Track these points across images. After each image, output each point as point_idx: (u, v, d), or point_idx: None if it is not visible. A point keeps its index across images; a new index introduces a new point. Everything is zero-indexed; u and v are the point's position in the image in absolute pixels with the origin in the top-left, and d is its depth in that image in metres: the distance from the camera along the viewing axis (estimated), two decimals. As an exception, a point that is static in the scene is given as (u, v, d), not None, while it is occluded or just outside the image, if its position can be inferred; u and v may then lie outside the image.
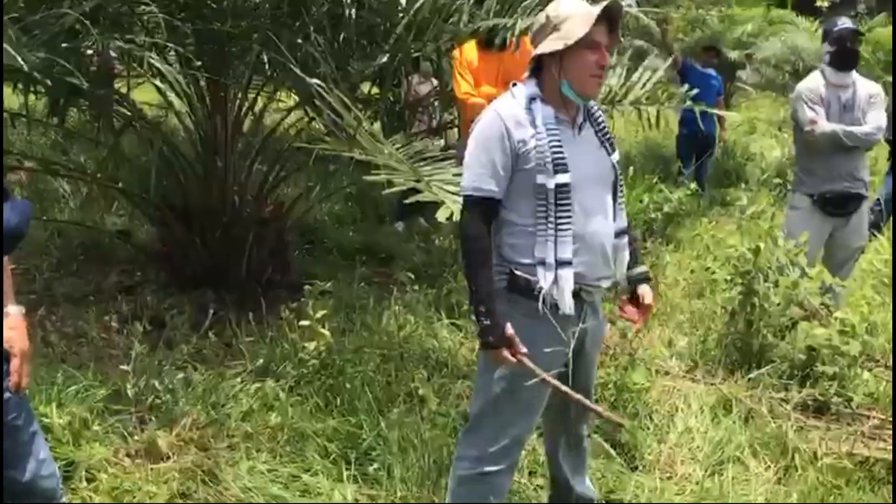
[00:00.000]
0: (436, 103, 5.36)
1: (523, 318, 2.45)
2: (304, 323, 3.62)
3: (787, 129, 14.37)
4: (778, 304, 3.88)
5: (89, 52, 4.82)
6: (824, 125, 4.65)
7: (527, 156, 2.40)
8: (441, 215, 3.03)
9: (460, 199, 2.72)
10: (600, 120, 2.65)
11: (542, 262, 2.42)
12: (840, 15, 4.90)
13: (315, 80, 3.50)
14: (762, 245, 3.81)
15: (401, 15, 4.62)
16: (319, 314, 3.61)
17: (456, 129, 5.86)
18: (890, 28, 16.54)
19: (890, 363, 3.98)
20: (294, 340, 3.73)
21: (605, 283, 2.63)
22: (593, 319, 2.63)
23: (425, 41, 4.11)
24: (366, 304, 5.04)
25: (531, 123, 2.42)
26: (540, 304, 2.43)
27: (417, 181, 3.11)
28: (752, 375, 3.76)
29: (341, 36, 4.58)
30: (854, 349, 3.61)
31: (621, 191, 2.66)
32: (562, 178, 2.41)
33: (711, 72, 8.41)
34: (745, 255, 3.83)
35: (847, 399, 3.61)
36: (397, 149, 3.46)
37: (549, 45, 2.42)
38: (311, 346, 3.61)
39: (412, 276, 4.85)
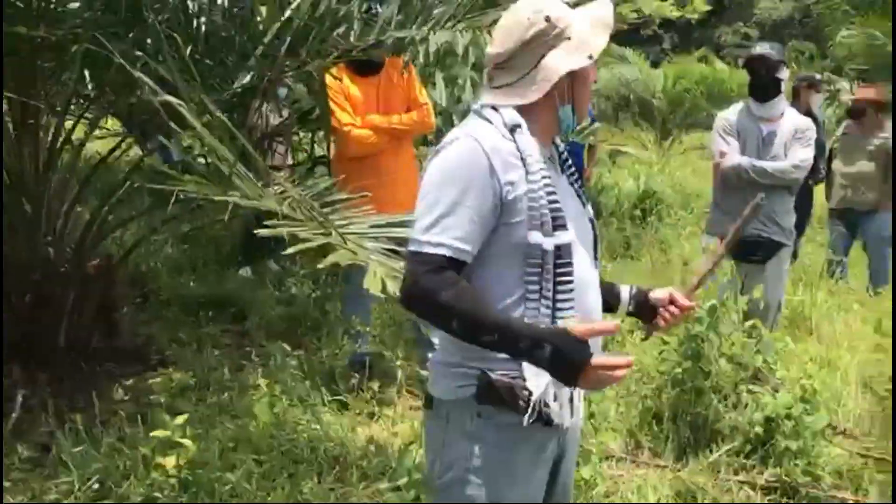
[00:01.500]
0: (300, 134, 4.51)
1: (498, 439, 1.74)
2: (159, 434, 2.67)
3: (619, 159, 14.58)
4: (727, 368, 3.37)
5: None
6: (733, 158, 4.28)
7: (516, 205, 1.69)
8: (372, 286, 2.25)
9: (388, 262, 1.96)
10: (570, 162, 1.99)
11: None
12: (764, 41, 4.57)
13: (174, 99, 2.60)
14: (716, 303, 3.30)
15: (261, 26, 3.79)
16: (180, 420, 2.68)
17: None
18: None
19: (854, 433, 3.57)
20: (145, 455, 2.75)
21: None
22: (576, 416, 1.94)
23: (304, 57, 3.29)
24: (221, 378, 4.12)
25: (521, 161, 1.71)
26: (526, 417, 1.70)
27: (328, 235, 2.29)
28: (711, 458, 3.21)
29: (188, 50, 3.69)
30: (820, 422, 3.15)
31: (598, 255, 2.00)
32: (563, 238, 1.72)
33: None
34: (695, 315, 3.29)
35: (815, 478, 3.14)
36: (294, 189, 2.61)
37: (569, 60, 1.74)
38: (169, 461, 2.67)
39: (288, 348, 3.97)
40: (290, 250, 2.22)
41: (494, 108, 1.77)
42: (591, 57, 1.76)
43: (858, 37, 8.75)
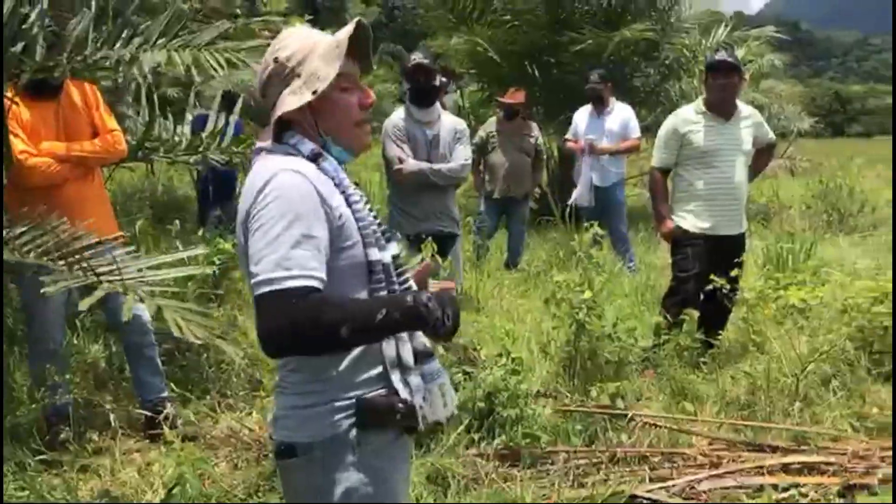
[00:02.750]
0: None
1: (379, 461, 1.77)
2: None
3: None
4: (440, 352, 3.65)
5: None
6: (412, 164, 4.63)
7: (347, 228, 1.73)
8: (176, 330, 2.06)
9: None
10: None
11: (398, 365, 1.77)
12: (418, 51, 4.92)
13: None
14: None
15: None
16: None
17: None
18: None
19: (551, 393, 4.08)
20: None
21: None
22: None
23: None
24: None
25: (336, 185, 1.75)
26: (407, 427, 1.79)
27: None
28: (451, 440, 3.46)
29: None
30: (532, 389, 3.57)
31: None
32: (394, 248, 1.84)
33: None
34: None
35: (534, 438, 3.55)
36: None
37: (293, 98, 1.75)
38: None
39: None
40: (83, 304, 1.95)
41: (288, 141, 1.78)
42: (315, 92, 1.74)
43: (465, 44, 9.77)
